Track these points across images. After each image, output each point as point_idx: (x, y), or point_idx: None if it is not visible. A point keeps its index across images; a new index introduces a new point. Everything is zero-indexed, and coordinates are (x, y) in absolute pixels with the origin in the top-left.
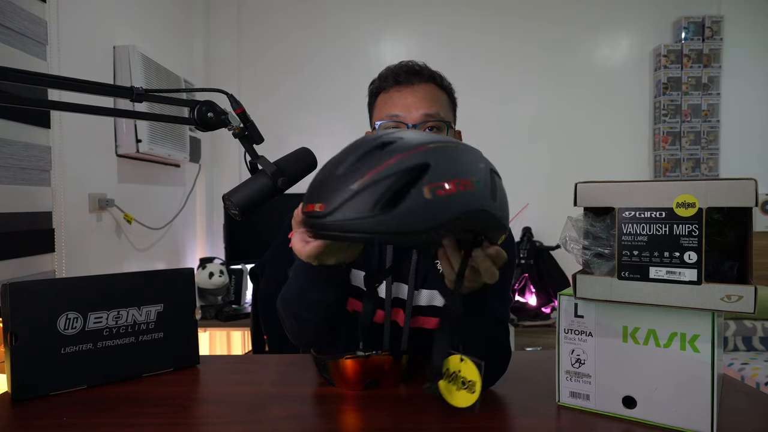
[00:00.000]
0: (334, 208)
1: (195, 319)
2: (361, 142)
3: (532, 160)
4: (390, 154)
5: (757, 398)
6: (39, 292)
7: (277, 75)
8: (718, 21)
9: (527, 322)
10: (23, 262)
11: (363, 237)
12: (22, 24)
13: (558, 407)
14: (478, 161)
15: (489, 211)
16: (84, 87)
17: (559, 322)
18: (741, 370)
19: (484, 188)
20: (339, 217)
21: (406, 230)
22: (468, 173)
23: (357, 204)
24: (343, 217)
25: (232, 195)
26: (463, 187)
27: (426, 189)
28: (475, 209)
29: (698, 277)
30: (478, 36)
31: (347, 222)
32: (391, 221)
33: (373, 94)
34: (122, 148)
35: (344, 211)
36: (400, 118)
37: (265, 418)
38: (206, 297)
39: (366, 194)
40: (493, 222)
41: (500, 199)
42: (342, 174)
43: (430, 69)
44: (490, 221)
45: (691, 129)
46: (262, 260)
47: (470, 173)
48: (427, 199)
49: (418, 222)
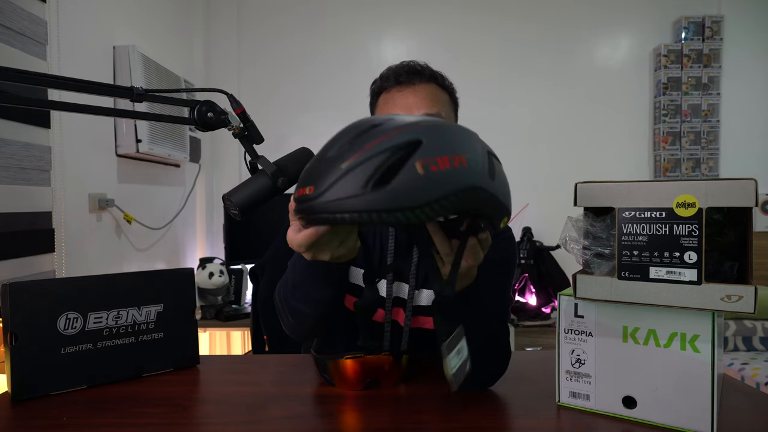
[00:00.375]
0: (324, 189)
1: (195, 319)
2: (353, 125)
3: (532, 160)
4: (382, 132)
5: (757, 398)
6: (39, 292)
7: (278, 75)
8: (718, 21)
9: (527, 322)
10: (23, 262)
11: (353, 217)
12: (22, 24)
13: (558, 407)
14: (473, 140)
15: (487, 189)
16: (84, 87)
17: (559, 322)
18: (741, 370)
19: (480, 166)
20: (329, 197)
21: (400, 206)
22: (461, 150)
23: (348, 183)
24: (334, 196)
25: (232, 195)
26: (457, 163)
27: (419, 164)
28: (471, 186)
29: (698, 277)
30: (478, 36)
31: (338, 201)
32: (383, 198)
33: (375, 94)
34: (122, 148)
35: (335, 190)
36: None
37: (265, 418)
38: (206, 297)
39: (357, 172)
40: (492, 201)
41: (499, 179)
42: (332, 156)
43: (431, 69)
44: (489, 200)
45: (691, 129)
46: (262, 260)
47: (464, 150)
48: (420, 174)
49: (412, 198)
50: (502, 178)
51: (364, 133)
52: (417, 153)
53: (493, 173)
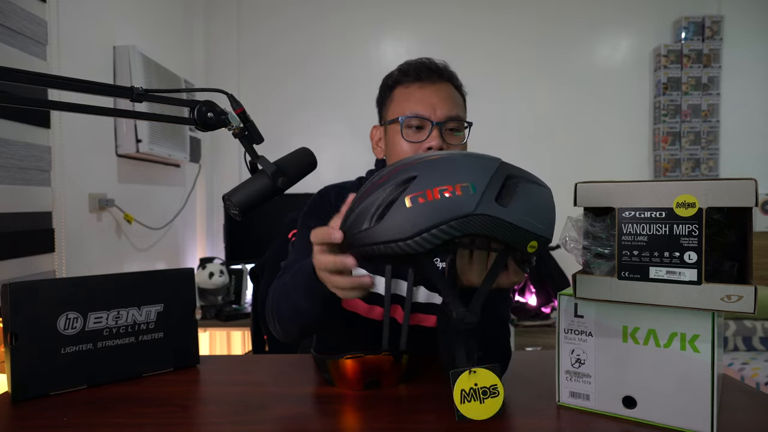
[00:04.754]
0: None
1: (195, 319)
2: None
3: (531, 160)
4: (389, 173)
5: (757, 398)
6: (39, 292)
7: (278, 75)
8: (718, 21)
9: (527, 322)
10: (23, 262)
11: (359, 250)
12: (22, 24)
13: (558, 407)
14: (478, 167)
15: (491, 215)
16: (84, 87)
17: (559, 322)
18: (741, 370)
19: (480, 193)
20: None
21: (394, 238)
22: (456, 180)
23: (357, 221)
24: (349, 232)
25: (232, 195)
26: (449, 193)
27: (407, 198)
28: (465, 214)
29: (698, 277)
30: (478, 36)
31: (351, 235)
32: (378, 232)
33: (389, 87)
34: (122, 148)
35: (350, 227)
36: (424, 114)
37: (265, 418)
38: (206, 297)
39: (363, 211)
40: (500, 226)
41: (521, 204)
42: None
43: (449, 69)
44: (495, 225)
45: (691, 129)
46: (262, 260)
47: (458, 180)
48: (407, 207)
49: (403, 230)
50: (527, 201)
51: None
52: (408, 188)
53: (508, 197)
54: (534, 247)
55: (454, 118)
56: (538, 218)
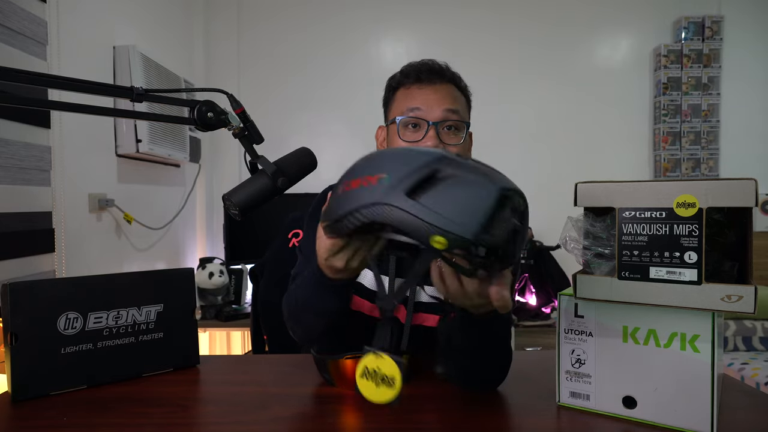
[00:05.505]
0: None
1: (195, 319)
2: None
3: (531, 160)
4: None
5: (757, 398)
6: (39, 292)
7: (278, 75)
8: (718, 21)
9: (527, 322)
10: (23, 262)
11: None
12: (22, 24)
13: (558, 407)
14: (401, 160)
15: (397, 206)
16: (84, 87)
17: (559, 322)
18: (741, 370)
19: (396, 185)
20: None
21: (331, 218)
22: (379, 171)
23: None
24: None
25: (232, 195)
26: (366, 183)
27: (340, 186)
28: (372, 202)
29: (698, 277)
30: (478, 36)
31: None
32: (325, 213)
33: (392, 89)
34: (122, 148)
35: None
36: (420, 114)
37: (265, 418)
38: (206, 297)
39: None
40: (406, 219)
41: (437, 198)
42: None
43: (451, 70)
44: (402, 218)
45: (691, 129)
46: (262, 260)
47: (382, 171)
48: (338, 194)
49: (335, 213)
50: (441, 197)
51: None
52: (343, 177)
53: (423, 191)
54: (441, 243)
55: (451, 117)
56: (457, 215)
